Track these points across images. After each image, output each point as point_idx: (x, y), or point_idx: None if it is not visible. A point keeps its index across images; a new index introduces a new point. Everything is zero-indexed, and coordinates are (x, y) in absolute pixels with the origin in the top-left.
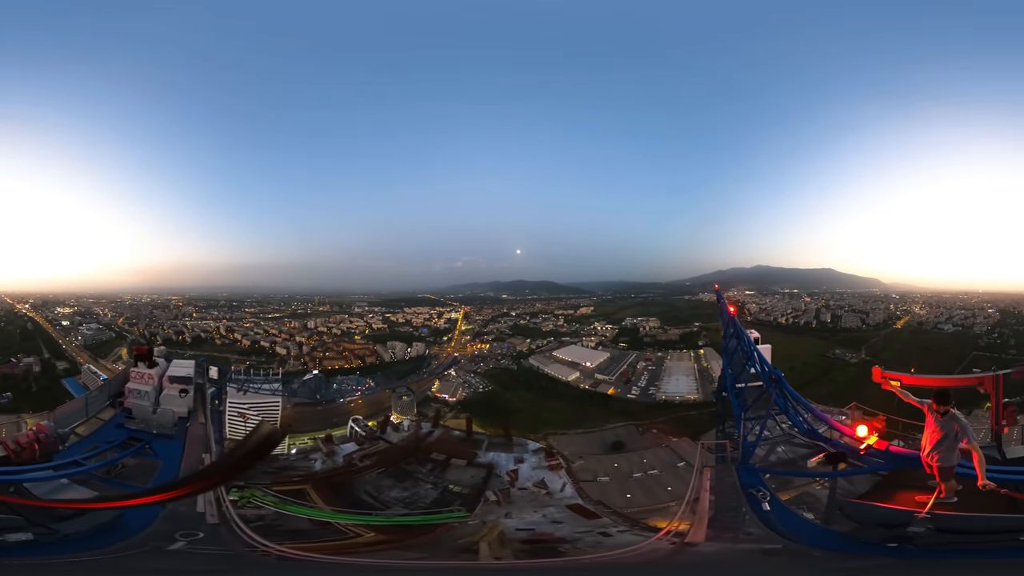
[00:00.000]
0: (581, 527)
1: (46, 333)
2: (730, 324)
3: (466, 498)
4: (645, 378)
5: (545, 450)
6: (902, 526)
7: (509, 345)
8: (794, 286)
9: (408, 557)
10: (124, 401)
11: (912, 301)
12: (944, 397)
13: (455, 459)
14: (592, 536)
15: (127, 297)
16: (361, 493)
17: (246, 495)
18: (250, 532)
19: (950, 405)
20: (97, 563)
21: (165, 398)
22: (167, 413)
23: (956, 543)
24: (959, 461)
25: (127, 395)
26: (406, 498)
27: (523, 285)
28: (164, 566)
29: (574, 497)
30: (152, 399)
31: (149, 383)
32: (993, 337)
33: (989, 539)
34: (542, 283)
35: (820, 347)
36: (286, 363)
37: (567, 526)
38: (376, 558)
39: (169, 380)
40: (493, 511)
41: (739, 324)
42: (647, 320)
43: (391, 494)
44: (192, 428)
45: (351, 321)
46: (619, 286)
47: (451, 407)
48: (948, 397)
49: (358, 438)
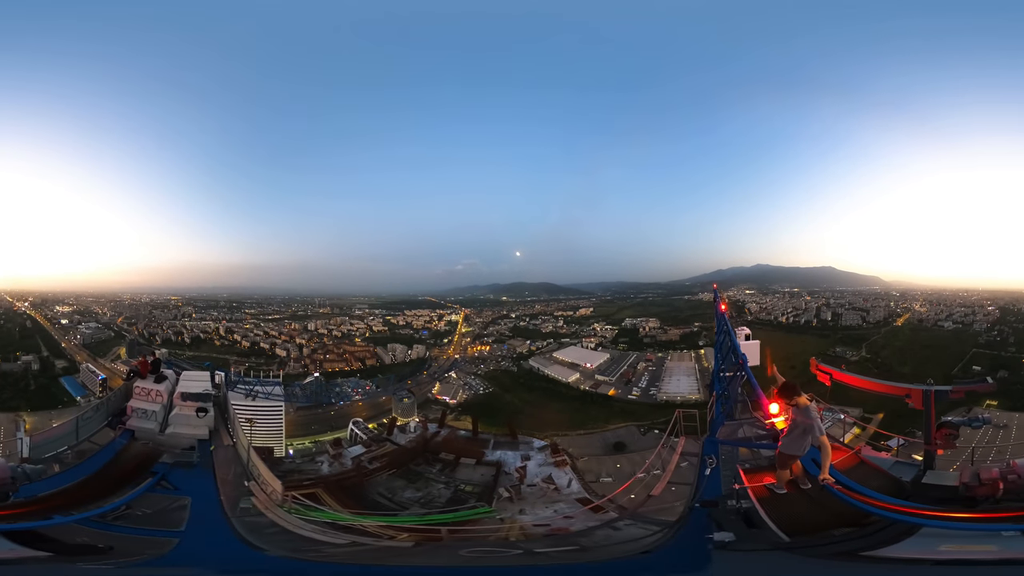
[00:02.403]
0: (592, 521)
1: (45, 331)
2: (720, 320)
3: (480, 496)
4: (646, 379)
5: (550, 447)
6: (714, 503)
7: (509, 347)
8: (794, 285)
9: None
10: (126, 421)
11: (912, 299)
12: (788, 391)
13: (464, 458)
14: (603, 530)
15: (126, 296)
16: (375, 495)
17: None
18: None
19: (796, 398)
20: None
21: (175, 418)
22: (178, 436)
23: (733, 523)
24: (803, 454)
25: (129, 414)
26: (421, 498)
27: (522, 287)
28: None
29: (581, 492)
30: (160, 419)
31: (157, 401)
32: (993, 335)
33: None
34: (541, 284)
35: (821, 345)
36: (286, 365)
37: (579, 520)
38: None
39: (181, 397)
40: (507, 508)
41: (726, 319)
42: (647, 320)
43: (405, 495)
44: (218, 453)
45: (351, 323)
46: (618, 286)
47: (452, 409)
48: (793, 391)
49: (361, 441)
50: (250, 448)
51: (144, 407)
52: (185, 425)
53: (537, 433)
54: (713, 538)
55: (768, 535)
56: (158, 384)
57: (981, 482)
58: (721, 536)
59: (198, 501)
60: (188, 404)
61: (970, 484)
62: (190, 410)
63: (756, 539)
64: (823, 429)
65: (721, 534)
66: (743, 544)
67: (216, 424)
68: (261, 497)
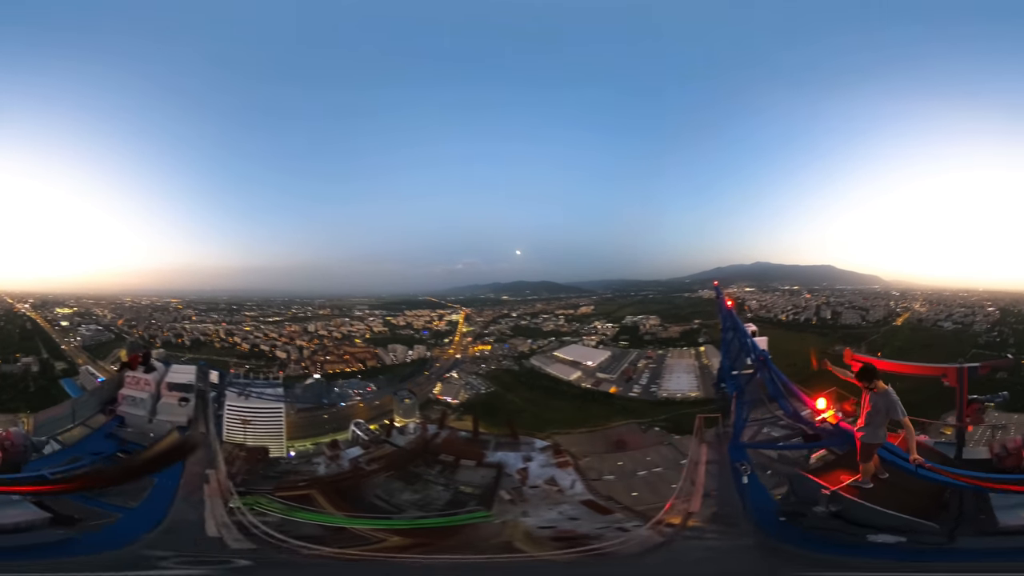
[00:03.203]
0: (599, 523)
1: (45, 333)
2: (727, 318)
3: (480, 498)
4: (646, 376)
5: (552, 447)
6: (808, 504)
7: (510, 346)
8: (794, 283)
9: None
10: (116, 408)
11: (912, 298)
12: (867, 374)
13: (464, 460)
14: (611, 531)
15: (127, 299)
16: (371, 497)
17: (248, 502)
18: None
19: (876, 381)
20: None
21: (163, 406)
22: (164, 423)
23: (837, 529)
24: (883, 441)
25: (120, 401)
26: (418, 501)
27: (523, 286)
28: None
29: (584, 493)
30: (148, 407)
31: (145, 389)
32: (993, 335)
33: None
34: (542, 283)
35: (820, 344)
36: (286, 367)
37: (585, 522)
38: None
39: (168, 387)
40: (509, 510)
41: (736, 317)
42: (647, 318)
43: (403, 497)
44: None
45: (352, 324)
46: (619, 284)
47: (454, 409)
48: (872, 374)
49: (361, 442)
50: (220, 439)
51: (134, 395)
52: (170, 413)
53: (538, 432)
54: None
55: (908, 526)
56: (147, 375)
57: (1008, 452)
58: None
59: (162, 480)
60: (174, 394)
61: (1000, 455)
62: (175, 399)
63: (909, 533)
64: (904, 410)
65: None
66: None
67: (196, 414)
68: (214, 486)
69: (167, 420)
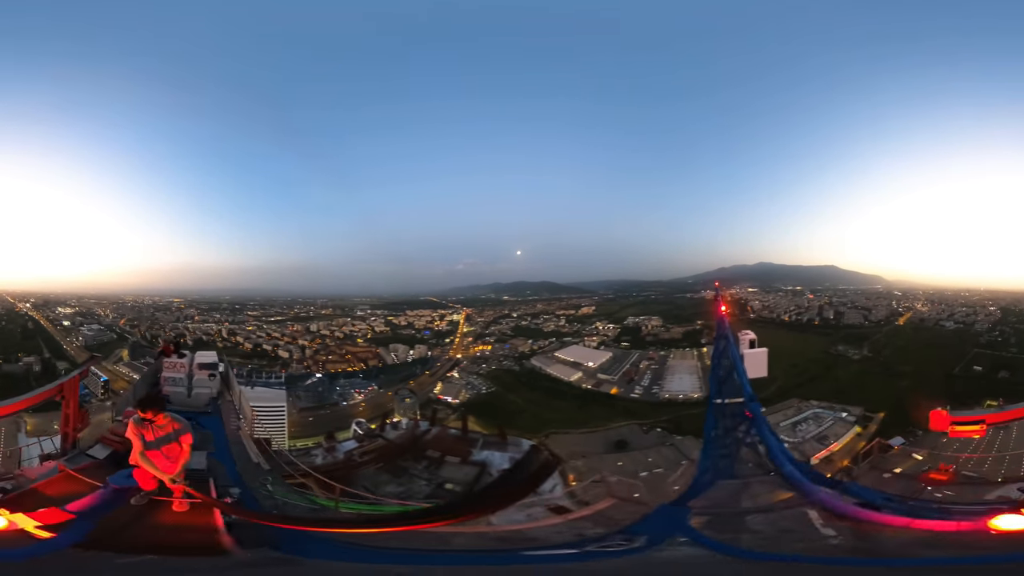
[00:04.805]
0: (561, 528)
1: (47, 333)
2: (719, 324)
3: (455, 495)
4: (648, 377)
5: (538, 447)
6: None
7: (511, 346)
8: (797, 283)
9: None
10: (162, 389)
11: (914, 298)
12: None
13: (450, 456)
14: (568, 537)
15: (129, 298)
16: (359, 488)
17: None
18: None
19: None
20: None
21: (197, 382)
22: (200, 395)
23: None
24: None
25: (163, 384)
26: (400, 492)
27: (524, 286)
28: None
29: (562, 498)
30: (186, 384)
31: (182, 371)
32: (994, 335)
33: None
34: (543, 283)
35: (823, 344)
36: (289, 366)
37: (547, 527)
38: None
39: (198, 367)
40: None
41: (727, 326)
42: (649, 319)
43: (387, 488)
44: (223, 404)
45: (354, 324)
46: (620, 285)
47: (454, 409)
48: None
49: (358, 438)
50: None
51: (173, 375)
52: (203, 387)
53: (535, 435)
54: None
55: None
56: (181, 359)
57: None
58: None
59: (216, 432)
60: (204, 372)
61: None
62: (204, 376)
63: None
64: None
65: None
66: None
67: (221, 387)
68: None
69: (202, 392)
